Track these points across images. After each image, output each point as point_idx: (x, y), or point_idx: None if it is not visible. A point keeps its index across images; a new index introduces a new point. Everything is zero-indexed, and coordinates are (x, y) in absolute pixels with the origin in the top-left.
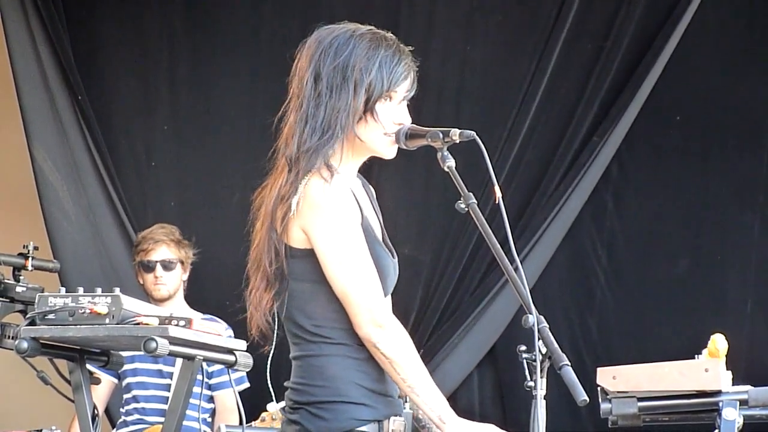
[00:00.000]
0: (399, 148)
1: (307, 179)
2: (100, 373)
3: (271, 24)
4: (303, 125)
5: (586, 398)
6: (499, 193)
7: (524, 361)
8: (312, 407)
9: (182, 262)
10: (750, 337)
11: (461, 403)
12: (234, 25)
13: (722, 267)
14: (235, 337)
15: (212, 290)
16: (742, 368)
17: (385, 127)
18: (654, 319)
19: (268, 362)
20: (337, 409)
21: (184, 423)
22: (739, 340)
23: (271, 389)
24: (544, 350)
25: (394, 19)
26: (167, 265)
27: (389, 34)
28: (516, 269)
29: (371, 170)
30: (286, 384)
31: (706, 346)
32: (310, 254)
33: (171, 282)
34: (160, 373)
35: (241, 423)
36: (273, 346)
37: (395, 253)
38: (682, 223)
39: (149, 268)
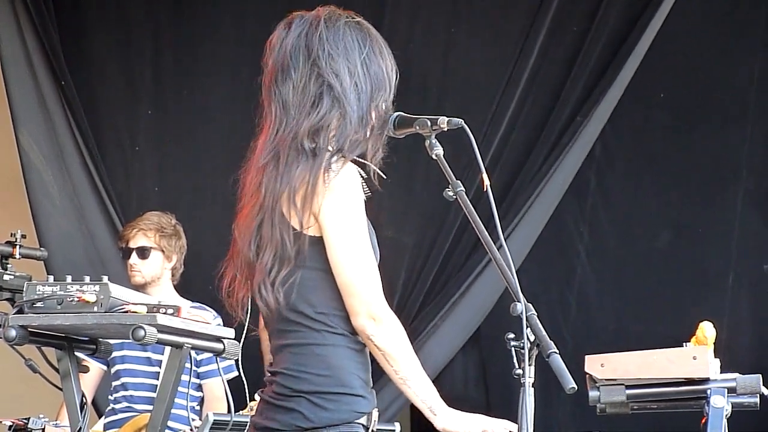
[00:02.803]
0: (387, 135)
1: (320, 165)
2: (89, 361)
3: (254, 12)
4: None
5: (575, 386)
6: (487, 181)
7: (512, 349)
8: (314, 396)
9: (163, 251)
10: (731, 309)
11: (445, 387)
12: (218, 12)
13: (704, 240)
14: (224, 324)
15: (196, 276)
16: (722, 338)
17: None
18: (635, 294)
19: (240, 342)
20: (340, 400)
21: (173, 411)
22: (721, 312)
23: (243, 378)
24: (532, 338)
25: (379, 2)
26: (142, 253)
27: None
28: (500, 248)
29: None
30: (271, 369)
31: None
32: (318, 242)
33: (146, 269)
34: (148, 361)
35: (229, 411)
36: (246, 329)
37: None
38: (665, 199)
39: (125, 254)
